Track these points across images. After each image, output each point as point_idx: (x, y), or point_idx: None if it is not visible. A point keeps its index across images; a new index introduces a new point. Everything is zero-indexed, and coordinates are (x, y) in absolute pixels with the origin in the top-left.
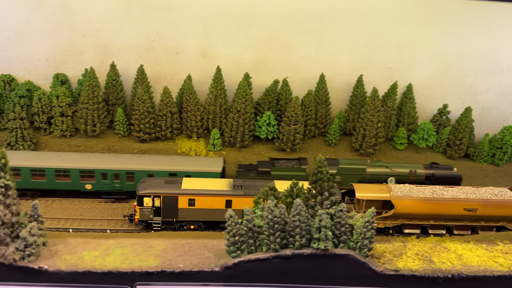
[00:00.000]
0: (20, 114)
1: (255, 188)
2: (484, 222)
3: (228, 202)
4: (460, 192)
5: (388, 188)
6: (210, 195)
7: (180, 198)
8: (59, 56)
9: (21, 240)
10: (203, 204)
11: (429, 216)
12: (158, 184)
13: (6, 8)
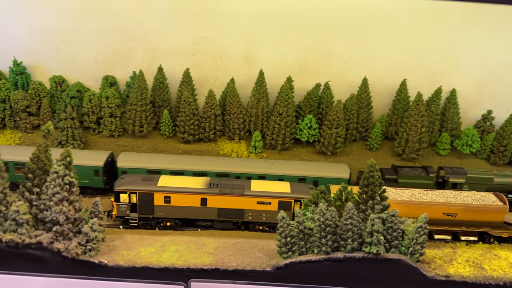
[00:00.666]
0: (71, 114)
1: (230, 187)
2: (466, 228)
3: (203, 200)
4: (440, 196)
5: None
6: (185, 193)
7: (155, 195)
8: (108, 58)
9: (83, 235)
10: (178, 201)
11: None
12: (134, 180)
13: (59, 12)
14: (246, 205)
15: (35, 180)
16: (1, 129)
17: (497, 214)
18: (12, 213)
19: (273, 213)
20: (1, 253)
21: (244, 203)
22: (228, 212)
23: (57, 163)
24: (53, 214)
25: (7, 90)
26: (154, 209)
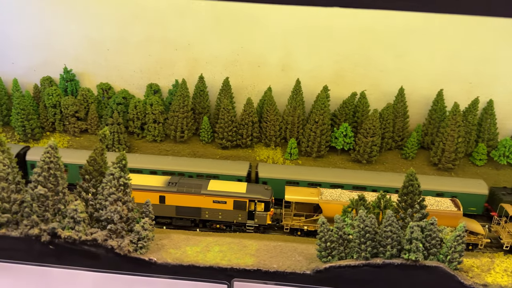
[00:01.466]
0: (118, 119)
1: (188, 186)
2: None
3: (162, 197)
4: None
5: (318, 192)
6: (145, 190)
7: None
8: (152, 67)
9: (135, 234)
10: (139, 198)
11: None
12: None
13: (108, 23)
14: (202, 203)
15: (91, 181)
16: (51, 132)
17: (450, 220)
18: (71, 211)
19: (229, 212)
20: (59, 249)
21: (200, 202)
22: (186, 210)
23: (113, 165)
24: (108, 213)
25: (58, 96)
26: None
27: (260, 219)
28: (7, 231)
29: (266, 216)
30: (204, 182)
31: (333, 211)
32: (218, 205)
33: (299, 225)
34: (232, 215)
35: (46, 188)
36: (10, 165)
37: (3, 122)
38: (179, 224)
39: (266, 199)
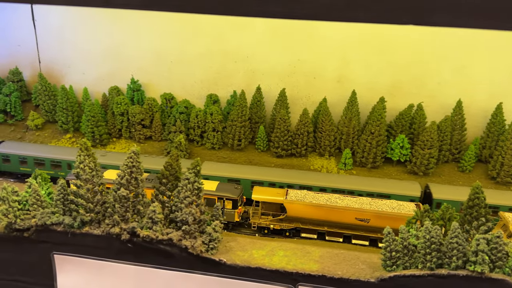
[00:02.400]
0: (180, 127)
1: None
2: (381, 234)
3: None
4: (355, 202)
5: (284, 192)
6: None
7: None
8: (212, 78)
9: (206, 235)
10: None
11: (322, 222)
12: None
13: (173, 36)
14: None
15: (168, 185)
16: (118, 138)
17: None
18: (149, 212)
19: None
20: (137, 247)
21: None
22: None
23: (189, 171)
24: (183, 215)
25: (126, 105)
26: None
27: (228, 216)
28: (90, 229)
29: (234, 213)
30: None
31: (296, 211)
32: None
33: (265, 223)
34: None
35: (128, 190)
36: (95, 169)
37: (74, 128)
38: None
39: (234, 197)
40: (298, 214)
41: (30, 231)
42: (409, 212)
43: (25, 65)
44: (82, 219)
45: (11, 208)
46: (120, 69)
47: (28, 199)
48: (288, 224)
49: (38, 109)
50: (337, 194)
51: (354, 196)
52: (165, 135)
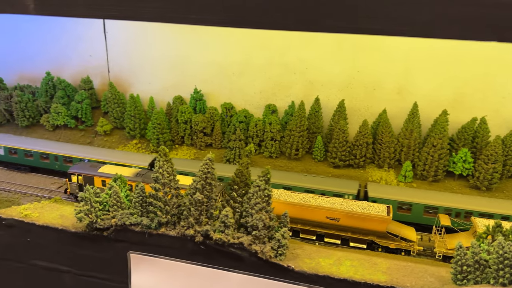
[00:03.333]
0: (239, 136)
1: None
2: (352, 234)
3: (130, 186)
4: (328, 202)
5: None
6: None
7: (95, 178)
8: (270, 89)
9: (275, 241)
10: None
11: (296, 220)
12: (83, 166)
13: (235, 49)
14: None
15: (238, 191)
16: (180, 145)
17: (379, 224)
18: (222, 216)
19: None
20: (209, 249)
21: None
22: None
23: (259, 178)
24: (254, 220)
25: (189, 114)
26: None
27: None
28: (166, 230)
29: None
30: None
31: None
32: None
33: None
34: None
35: (202, 194)
36: (172, 174)
37: (140, 134)
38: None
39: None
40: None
41: (110, 231)
42: (377, 213)
43: (95, 74)
44: (159, 220)
45: (93, 209)
46: (184, 79)
47: (108, 200)
48: None
49: (107, 115)
50: (311, 194)
51: (327, 197)
52: (225, 143)
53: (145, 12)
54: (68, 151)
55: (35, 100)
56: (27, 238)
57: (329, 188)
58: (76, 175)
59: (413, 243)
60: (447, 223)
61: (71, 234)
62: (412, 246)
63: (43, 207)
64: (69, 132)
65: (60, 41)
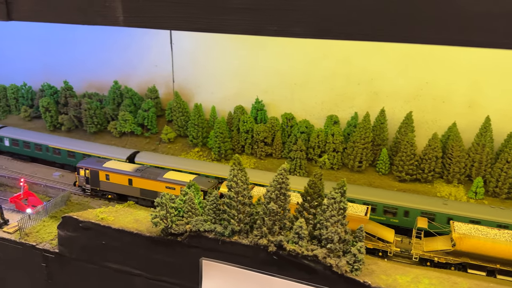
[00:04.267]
0: (301, 146)
1: (149, 173)
2: None
3: (130, 180)
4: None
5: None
6: (118, 173)
7: (100, 173)
8: (333, 100)
9: (351, 256)
10: (114, 179)
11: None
12: (91, 161)
13: (298, 60)
14: (158, 188)
15: (312, 202)
16: (240, 154)
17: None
18: (296, 227)
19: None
20: (282, 260)
21: (157, 186)
22: (147, 192)
23: (334, 190)
24: (329, 233)
25: (251, 123)
26: (99, 184)
27: None
28: (238, 238)
29: None
30: (162, 172)
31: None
32: (169, 191)
33: None
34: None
35: (276, 204)
36: (246, 182)
37: (202, 143)
38: (142, 203)
39: (205, 188)
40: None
41: (184, 236)
42: (356, 213)
43: (160, 83)
44: (232, 228)
45: (169, 214)
46: (245, 89)
47: (182, 206)
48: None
49: (171, 123)
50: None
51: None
52: (285, 153)
53: (232, 24)
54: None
55: (103, 108)
56: (102, 241)
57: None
58: (84, 169)
59: (390, 244)
60: (425, 225)
61: (146, 238)
62: (389, 247)
63: (117, 211)
64: (135, 139)
65: (127, 51)
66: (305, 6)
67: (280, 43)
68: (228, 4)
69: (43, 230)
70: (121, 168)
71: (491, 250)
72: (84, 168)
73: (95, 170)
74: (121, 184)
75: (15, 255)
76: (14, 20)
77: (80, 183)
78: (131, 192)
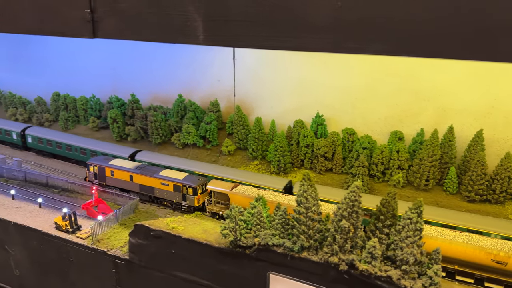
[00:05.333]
0: (363, 162)
1: (147, 170)
2: None
3: (131, 176)
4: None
5: (232, 185)
6: (121, 170)
7: (106, 169)
8: (397, 116)
9: (427, 278)
10: (118, 175)
11: None
12: (99, 158)
13: (360, 75)
14: (154, 184)
15: (385, 222)
16: (298, 168)
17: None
18: (369, 247)
19: (170, 193)
20: (352, 279)
21: (153, 183)
22: (145, 188)
23: (411, 210)
24: (404, 254)
25: (311, 138)
26: (106, 179)
27: (190, 201)
28: (308, 254)
29: (194, 199)
30: (159, 170)
31: (237, 201)
32: (164, 187)
33: (217, 210)
34: (173, 195)
35: (349, 222)
36: (316, 198)
37: (261, 156)
38: (142, 198)
39: (194, 185)
40: (238, 203)
41: (252, 249)
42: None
43: (222, 97)
44: (302, 244)
45: (238, 226)
46: (304, 104)
47: (251, 219)
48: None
49: (231, 136)
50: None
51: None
52: (346, 169)
53: (312, 43)
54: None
55: (167, 120)
56: (171, 250)
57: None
58: (93, 165)
59: None
60: None
61: (214, 249)
62: None
63: (186, 220)
64: (196, 151)
65: (191, 67)
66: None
67: (341, 59)
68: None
69: (113, 236)
70: (123, 166)
71: (448, 251)
72: (93, 164)
73: (102, 166)
74: (124, 180)
75: (87, 260)
76: (99, 37)
77: (90, 178)
78: (132, 187)
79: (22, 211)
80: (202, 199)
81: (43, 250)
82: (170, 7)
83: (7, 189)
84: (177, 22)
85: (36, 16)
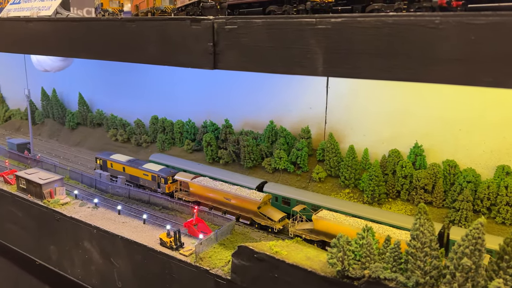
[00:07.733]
0: (468, 197)
1: (135, 163)
2: (239, 212)
3: (124, 168)
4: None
5: (193, 176)
6: (117, 163)
7: (108, 162)
8: (504, 149)
9: None
10: (115, 167)
11: (209, 199)
12: (104, 154)
13: (463, 105)
14: (139, 174)
15: (510, 262)
16: (393, 199)
17: (252, 205)
18: (494, 287)
19: (150, 181)
20: None
21: (138, 173)
22: (133, 177)
23: None
24: None
25: (410, 168)
26: (107, 170)
27: (162, 188)
28: None
29: (165, 187)
30: (143, 162)
31: (195, 189)
32: (145, 177)
33: (181, 196)
34: (151, 183)
35: (471, 260)
36: (432, 233)
37: (354, 184)
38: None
39: (165, 176)
40: (196, 192)
41: (361, 281)
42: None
43: (313, 124)
44: (417, 280)
45: (346, 256)
46: (400, 133)
47: (359, 250)
48: (191, 198)
49: (322, 163)
50: (222, 183)
51: (233, 186)
52: (447, 203)
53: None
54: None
55: (258, 145)
56: (274, 274)
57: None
58: (99, 159)
59: (274, 222)
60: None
61: (320, 278)
62: (274, 224)
63: (288, 246)
64: (286, 176)
65: (283, 94)
66: None
67: (439, 90)
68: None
69: (214, 256)
70: (119, 159)
71: (337, 231)
72: (99, 158)
73: (105, 160)
74: (119, 171)
75: (188, 277)
76: (218, 69)
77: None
78: (125, 176)
79: (128, 226)
80: (172, 187)
81: (147, 265)
82: (291, 41)
83: (113, 205)
84: (297, 54)
85: (160, 48)
